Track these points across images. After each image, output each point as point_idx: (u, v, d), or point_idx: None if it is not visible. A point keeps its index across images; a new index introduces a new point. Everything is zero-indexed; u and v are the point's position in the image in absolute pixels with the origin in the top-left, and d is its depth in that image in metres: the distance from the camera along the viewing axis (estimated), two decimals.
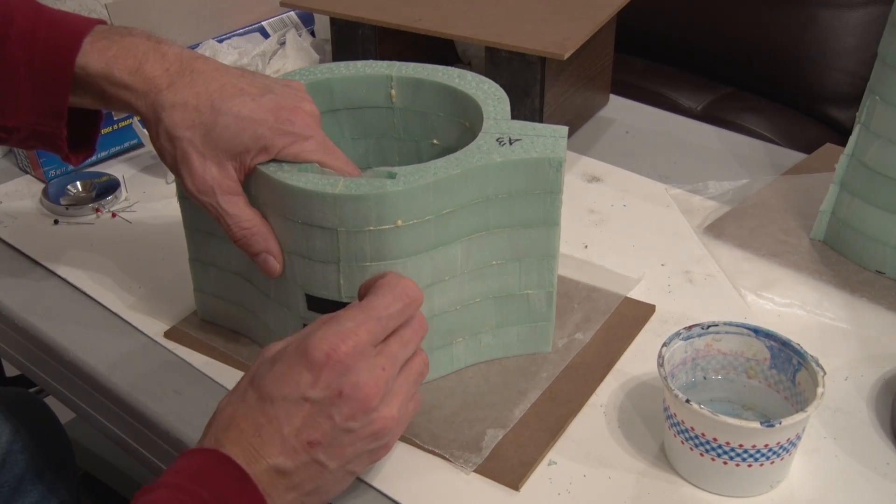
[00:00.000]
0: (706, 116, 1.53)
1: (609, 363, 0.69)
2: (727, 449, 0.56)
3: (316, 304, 0.63)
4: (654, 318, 0.73)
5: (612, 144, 1.00)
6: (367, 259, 0.60)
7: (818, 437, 0.63)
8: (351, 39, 0.99)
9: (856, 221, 0.78)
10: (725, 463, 0.57)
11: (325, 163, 0.61)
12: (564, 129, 0.64)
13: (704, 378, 0.64)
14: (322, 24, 1.14)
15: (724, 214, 0.86)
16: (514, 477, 0.59)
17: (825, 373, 0.58)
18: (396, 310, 0.55)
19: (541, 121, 0.92)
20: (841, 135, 1.48)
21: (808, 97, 1.57)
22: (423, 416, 0.64)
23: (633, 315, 0.73)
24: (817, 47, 1.53)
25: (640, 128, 1.04)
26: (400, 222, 0.59)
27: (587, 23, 0.89)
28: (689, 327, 0.62)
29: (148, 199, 0.89)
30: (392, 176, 0.59)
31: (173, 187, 0.79)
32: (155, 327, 0.72)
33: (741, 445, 0.56)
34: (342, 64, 0.71)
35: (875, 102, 0.75)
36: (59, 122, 0.64)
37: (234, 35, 1.08)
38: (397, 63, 0.71)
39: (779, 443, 0.56)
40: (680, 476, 0.60)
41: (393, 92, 0.71)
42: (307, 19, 1.15)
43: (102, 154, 0.95)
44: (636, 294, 0.76)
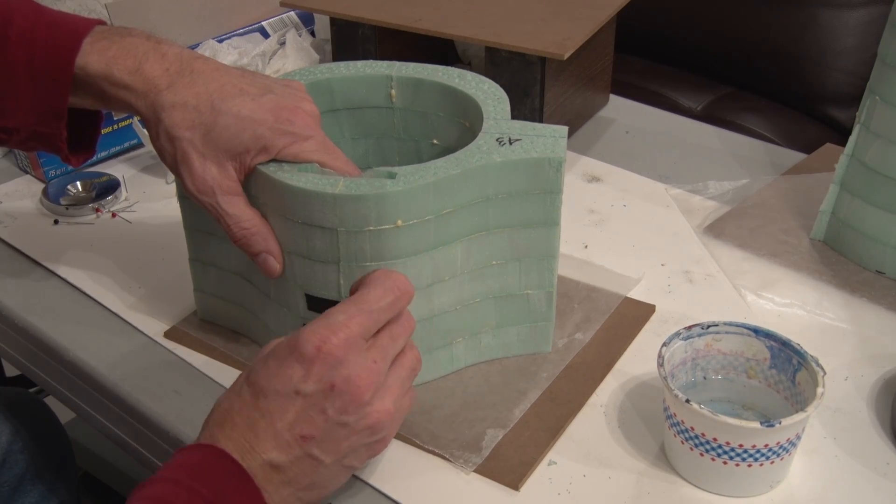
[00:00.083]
0: (706, 116, 1.52)
1: (609, 363, 0.69)
2: (727, 449, 0.56)
3: (316, 304, 0.62)
4: (654, 318, 0.73)
5: (612, 144, 1.00)
6: (367, 259, 0.60)
7: (818, 437, 0.63)
8: (351, 39, 0.99)
9: (856, 221, 0.78)
10: (725, 463, 0.57)
11: (325, 163, 0.61)
12: (564, 129, 0.64)
13: (704, 378, 0.64)
14: (322, 24, 1.14)
15: (724, 214, 0.86)
16: (514, 477, 0.59)
17: (825, 373, 0.58)
18: (387, 302, 0.55)
19: (541, 121, 0.92)
20: (841, 135, 1.48)
21: (808, 97, 1.57)
22: (423, 416, 0.64)
23: (633, 315, 0.73)
24: (817, 47, 1.53)
25: (640, 128, 1.04)
26: (400, 222, 0.59)
27: (587, 23, 0.89)
28: (689, 327, 0.62)
29: (148, 199, 0.89)
30: (392, 176, 0.59)
31: (173, 187, 0.79)
32: (155, 327, 0.72)
33: (741, 445, 0.56)
34: (342, 64, 0.71)
35: (875, 102, 0.75)
36: (59, 123, 0.64)
37: (234, 35, 1.08)
38: (397, 63, 0.71)
39: (779, 443, 0.56)
40: (680, 476, 0.60)
41: (393, 92, 0.71)
42: (307, 19, 1.15)
43: (102, 154, 0.95)
44: (636, 294, 0.76)
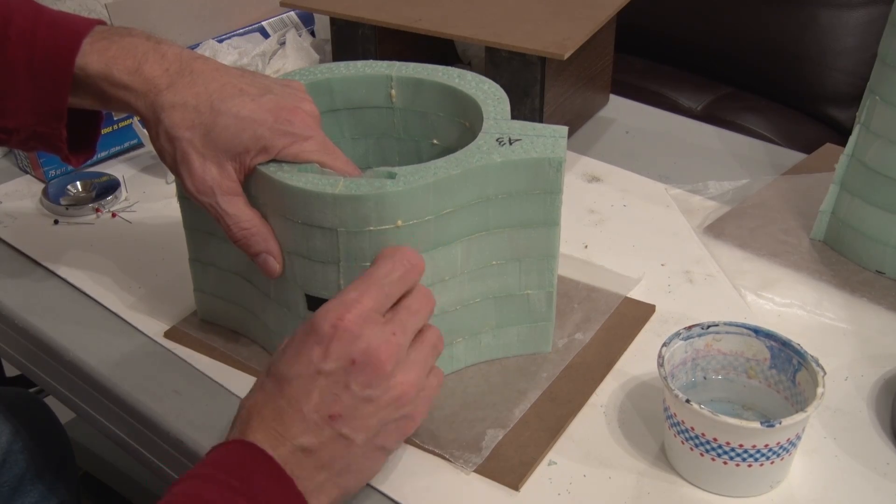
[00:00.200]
0: (706, 116, 1.53)
1: (609, 363, 0.69)
2: (727, 449, 0.56)
3: (316, 304, 0.62)
4: (654, 318, 0.73)
5: (612, 144, 1.00)
6: (367, 259, 0.60)
7: (818, 437, 0.63)
8: (351, 39, 0.99)
9: (856, 221, 0.78)
10: (725, 463, 0.57)
11: (324, 163, 0.61)
12: (564, 129, 0.64)
13: (704, 378, 0.64)
14: (322, 24, 1.14)
15: (724, 214, 0.86)
16: (514, 477, 0.59)
17: (825, 373, 0.58)
18: (398, 276, 0.56)
19: (541, 121, 0.92)
20: (841, 135, 1.48)
21: (808, 97, 1.57)
22: None
23: (633, 315, 0.73)
24: (817, 47, 1.53)
25: (640, 128, 1.04)
26: (400, 222, 0.59)
27: (587, 23, 0.89)
28: (689, 327, 0.62)
29: (148, 199, 0.89)
30: (392, 176, 0.59)
31: (173, 187, 0.79)
32: (155, 327, 0.72)
33: (741, 445, 0.56)
34: (342, 64, 0.71)
35: (875, 102, 0.75)
36: (59, 124, 0.64)
37: (234, 35, 1.08)
38: (397, 63, 0.71)
39: (779, 443, 0.56)
40: (680, 476, 0.60)
41: (393, 92, 0.71)
42: (307, 19, 1.15)
43: (102, 154, 0.95)
44: (636, 294, 0.76)
